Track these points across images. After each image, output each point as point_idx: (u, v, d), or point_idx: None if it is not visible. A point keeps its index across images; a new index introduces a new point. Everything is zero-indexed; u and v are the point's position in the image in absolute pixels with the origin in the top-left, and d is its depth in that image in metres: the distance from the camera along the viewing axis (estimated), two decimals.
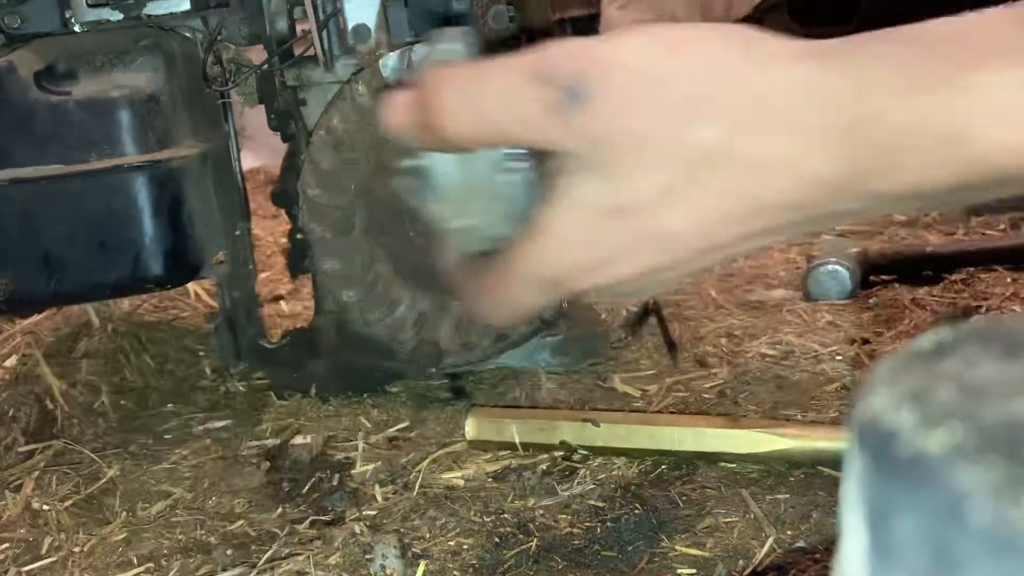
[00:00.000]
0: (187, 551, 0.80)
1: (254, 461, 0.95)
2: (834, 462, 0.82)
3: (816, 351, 1.06)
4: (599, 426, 0.88)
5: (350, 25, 0.97)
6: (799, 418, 0.92)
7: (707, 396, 0.99)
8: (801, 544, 0.73)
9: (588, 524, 0.78)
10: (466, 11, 0.96)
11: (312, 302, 1.07)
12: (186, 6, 1.00)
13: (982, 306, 1.14)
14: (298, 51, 1.04)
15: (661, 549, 0.74)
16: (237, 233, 1.08)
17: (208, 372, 1.15)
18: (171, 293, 1.34)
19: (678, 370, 1.04)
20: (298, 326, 1.11)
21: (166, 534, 0.83)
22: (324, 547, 0.77)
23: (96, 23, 0.99)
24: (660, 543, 0.75)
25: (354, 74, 0.97)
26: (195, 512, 0.86)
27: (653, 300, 1.01)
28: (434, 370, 1.04)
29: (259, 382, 1.11)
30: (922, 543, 0.19)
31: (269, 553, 0.78)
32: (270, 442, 0.98)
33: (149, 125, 0.95)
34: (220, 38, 1.01)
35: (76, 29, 0.99)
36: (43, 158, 0.94)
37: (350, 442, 0.96)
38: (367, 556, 0.75)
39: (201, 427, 1.03)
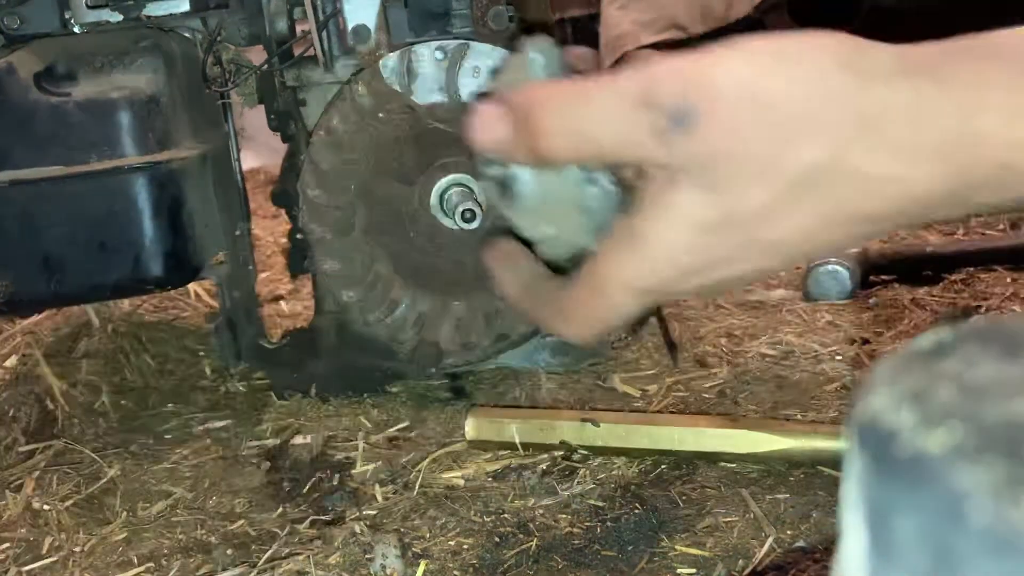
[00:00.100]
0: (187, 551, 0.80)
1: (254, 461, 0.95)
2: (834, 462, 0.82)
3: (816, 351, 1.06)
4: (599, 426, 0.88)
5: (350, 26, 0.97)
6: (799, 418, 0.92)
7: (707, 396, 0.99)
8: (801, 544, 0.73)
9: (588, 524, 0.78)
10: (466, 11, 0.96)
11: (312, 302, 1.07)
12: (186, 7, 1.00)
13: (982, 306, 1.14)
14: (298, 52, 1.04)
15: (661, 549, 0.74)
16: (237, 233, 1.08)
17: (208, 372, 1.15)
18: (171, 293, 1.34)
19: (678, 370, 1.04)
20: (298, 326, 1.11)
21: (166, 534, 0.83)
22: (324, 547, 0.77)
23: (96, 24, 0.99)
24: (660, 543, 0.75)
25: (354, 75, 0.97)
26: (195, 512, 0.86)
27: None
28: (434, 370, 1.04)
29: (259, 382, 1.11)
30: (922, 543, 0.19)
31: (269, 553, 0.78)
32: (270, 442, 0.98)
33: (149, 126, 0.95)
34: (220, 39, 1.01)
35: (76, 30, 0.99)
36: (43, 159, 0.94)
37: (350, 442, 0.96)
38: (367, 556, 0.75)
39: (201, 427, 1.03)
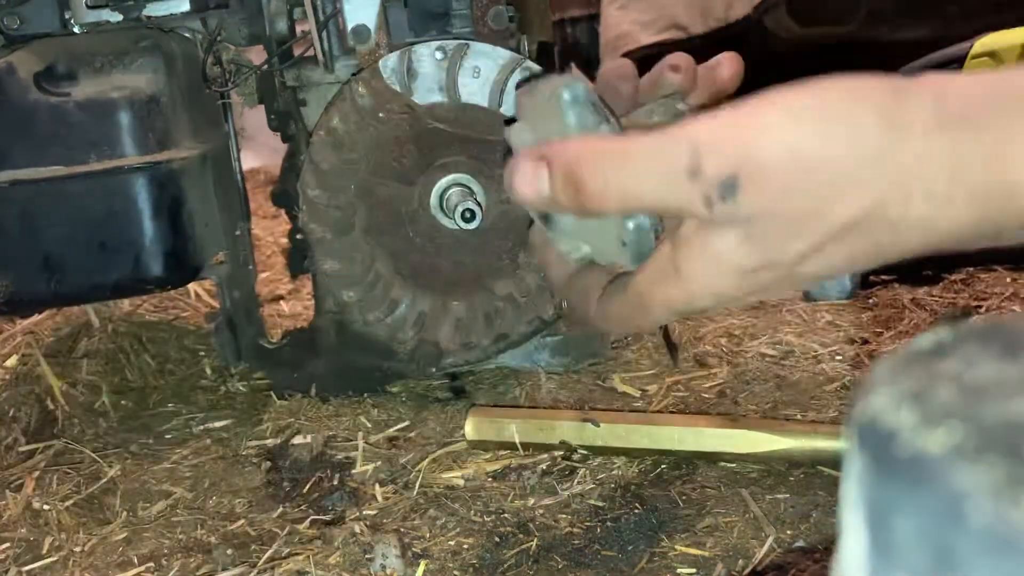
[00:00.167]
0: (187, 551, 0.80)
1: (254, 461, 0.95)
2: (834, 462, 0.82)
3: (816, 351, 1.06)
4: (599, 426, 0.88)
5: (350, 26, 0.97)
6: (799, 418, 0.92)
7: (707, 396, 0.99)
8: (801, 544, 0.73)
9: (588, 524, 0.78)
10: (466, 11, 0.96)
11: (312, 302, 1.07)
12: (186, 7, 1.00)
13: (982, 306, 1.14)
14: (298, 52, 1.04)
15: (661, 549, 0.74)
16: (237, 233, 1.08)
17: (208, 372, 1.15)
18: (171, 293, 1.34)
19: (678, 370, 1.04)
20: (298, 326, 1.11)
21: (166, 534, 0.83)
22: (324, 547, 0.77)
23: (96, 24, 0.99)
24: (660, 543, 0.75)
25: (354, 74, 0.97)
26: (195, 512, 0.86)
27: None
28: (434, 370, 1.04)
29: (259, 382, 1.11)
30: (922, 543, 0.19)
31: (269, 553, 0.78)
32: (270, 442, 0.98)
33: (149, 126, 0.95)
34: (220, 39, 1.01)
35: (76, 30, 0.99)
36: (43, 159, 0.94)
37: (350, 442, 0.96)
38: (367, 556, 0.75)
39: (201, 427, 1.03)
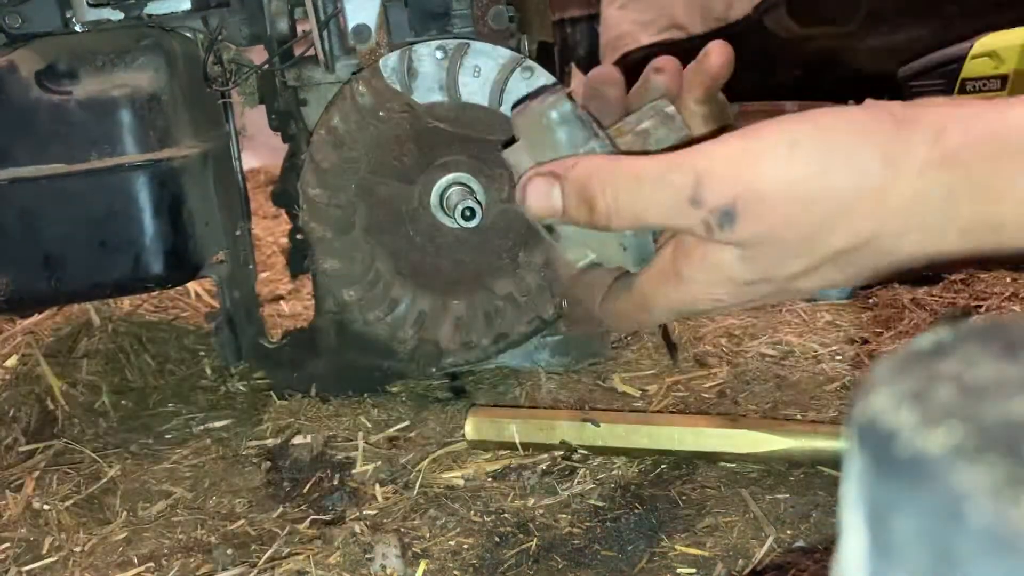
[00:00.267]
0: (187, 551, 0.80)
1: (255, 461, 0.95)
2: (834, 462, 0.82)
3: (816, 351, 1.06)
4: (599, 426, 0.88)
5: (350, 25, 0.98)
6: (799, 418, 0.92)
7: (707, 396, 0.99)
8: (801, 544, 0.73)
9: (588, 524, 0.78)
10: (466, 11, 0.96)
11: (312, 302, 1.07)
12: (187, 6, 1.00)
13: (982, 306, 1.14)
14: (299, 51, 1.04)
15: (661, 549, 0.74)
16: (237, 233, 1.08)
17: (208, 372, 1.15)
18: (171, 293, 1.35)
19: (678, 370, 1.04)
20: (298, 326, 1.11)
21: (166, 534, 0.83)
22: (324, 547, 0.77)
23: (97, 23, 0.99)
24: (660, 543, 0.75)
25: (354, 74, 0.97)
26: (195, 512, 0.86)
27: None
28: (434, 369, 1.04)
29: (259, 382, 1.11)
30: (922, 543, 0.19)
31: (269, 553, 0.78)
32: (270, 442, 0.98)
33: (150, 124, 0.95)
34: (221, 38, 1.02)
35: (77, 29, 0.99)
36: (44, 157, 0.94)
37: (350, 442, 0.96)
38: (367, 556, 0.75)
39: (201, 427, 1.03)
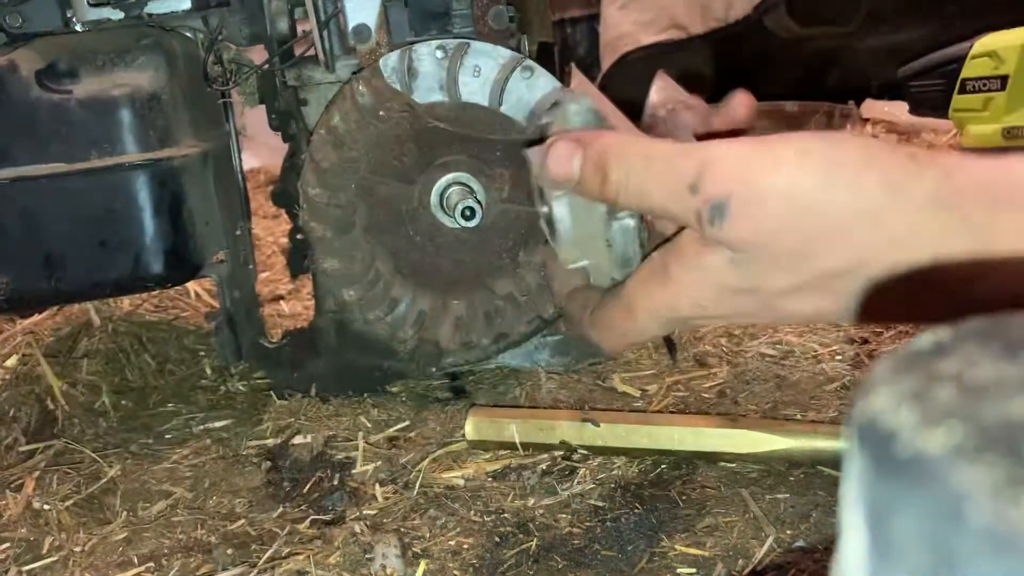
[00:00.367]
0: (188, 551, 0.80)
1: (255, 461, 0.95)
2: (834, 462, 0.82)
3: (816, 351, 1.06)
4: (599, 426, 0.88)
5: (351, 25, 0.98)
6: (799, 418, 0.92)
7: (707, 396, 0.99)
8: (801, 544, 0.73)
9: (588, 524, 0.78)
10: (466, 10, 0.96)
11: (312, 302, 1.07)
12: (187, 5, 1.00)
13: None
14: (299, 51, 1.04)
15: (661, 549, 0.74)
16: (237, 232, 1.08)
17: (208, 372, 1.15)
18: (171, 292, 1.34)
19: (678, 370, 1.04)
20: (298, 326, 1.11)
21: (167, 534, 0.83)
22: (324, 547, 0.77)
23: (97, 22, 0.99)
24: (660, 543, 0.75)
25: (354, 73, 0.97)
26: (196, 512, 0.86)
27: None
28: (434, 369, 1.04)
29: (259, 382, 1.11)
30: (922, 543, 0.19)
31: (269, 553, 0.78)
32: (270, 442, 0.98)
33: (150, 124, 0.95)
34: (221, 38, 1.01)
35: (77, 28, 0.99)
36: (44, 156, 0.94)
37: (350, 442, 0.96)
38: (367, 556, 0.75)
39: (201, 427, 1.03)
